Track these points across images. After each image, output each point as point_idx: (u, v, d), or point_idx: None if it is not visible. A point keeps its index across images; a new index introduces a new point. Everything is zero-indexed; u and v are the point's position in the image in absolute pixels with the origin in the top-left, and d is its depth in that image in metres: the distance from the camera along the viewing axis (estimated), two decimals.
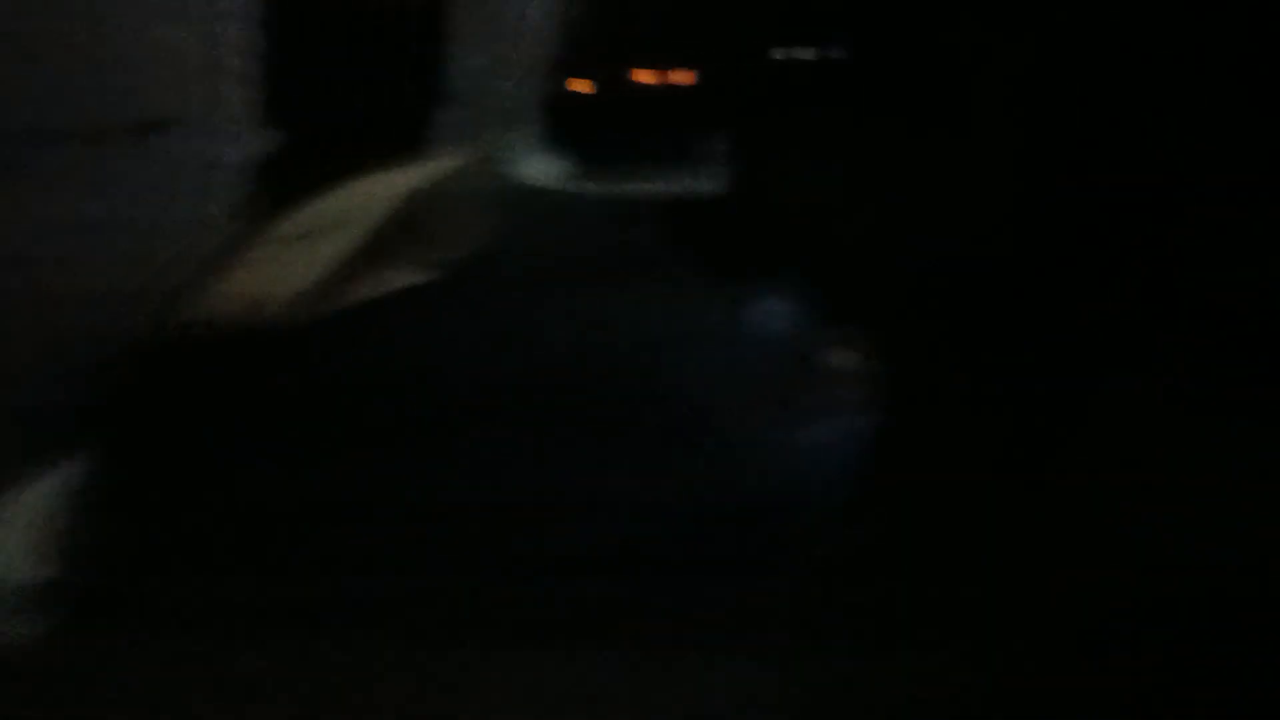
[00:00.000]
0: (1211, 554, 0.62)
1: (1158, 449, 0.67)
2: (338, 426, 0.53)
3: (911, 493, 0.76)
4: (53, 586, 0.55)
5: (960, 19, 0.64)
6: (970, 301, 0.70)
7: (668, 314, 0.67)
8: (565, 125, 1.69)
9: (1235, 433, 0.65)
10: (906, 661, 0.60)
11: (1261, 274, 0.63)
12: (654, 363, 0.64)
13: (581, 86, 1.65)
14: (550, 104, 1.68)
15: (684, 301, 0.69)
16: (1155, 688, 0.57)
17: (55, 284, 0.52)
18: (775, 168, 0.69)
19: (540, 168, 1.60)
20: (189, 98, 0.56)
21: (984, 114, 0.65)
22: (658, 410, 0.61)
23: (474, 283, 0.57)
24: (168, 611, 0.54)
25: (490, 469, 0.54)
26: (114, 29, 0.49)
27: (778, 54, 0.71)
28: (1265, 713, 0.56)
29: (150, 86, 0.54)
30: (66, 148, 0.50)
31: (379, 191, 0.57)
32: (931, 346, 0.74)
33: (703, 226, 0.85)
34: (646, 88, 1.67)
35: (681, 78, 1.70)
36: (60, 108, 0.48)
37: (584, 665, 0.54)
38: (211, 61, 0.58)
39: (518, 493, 0.55)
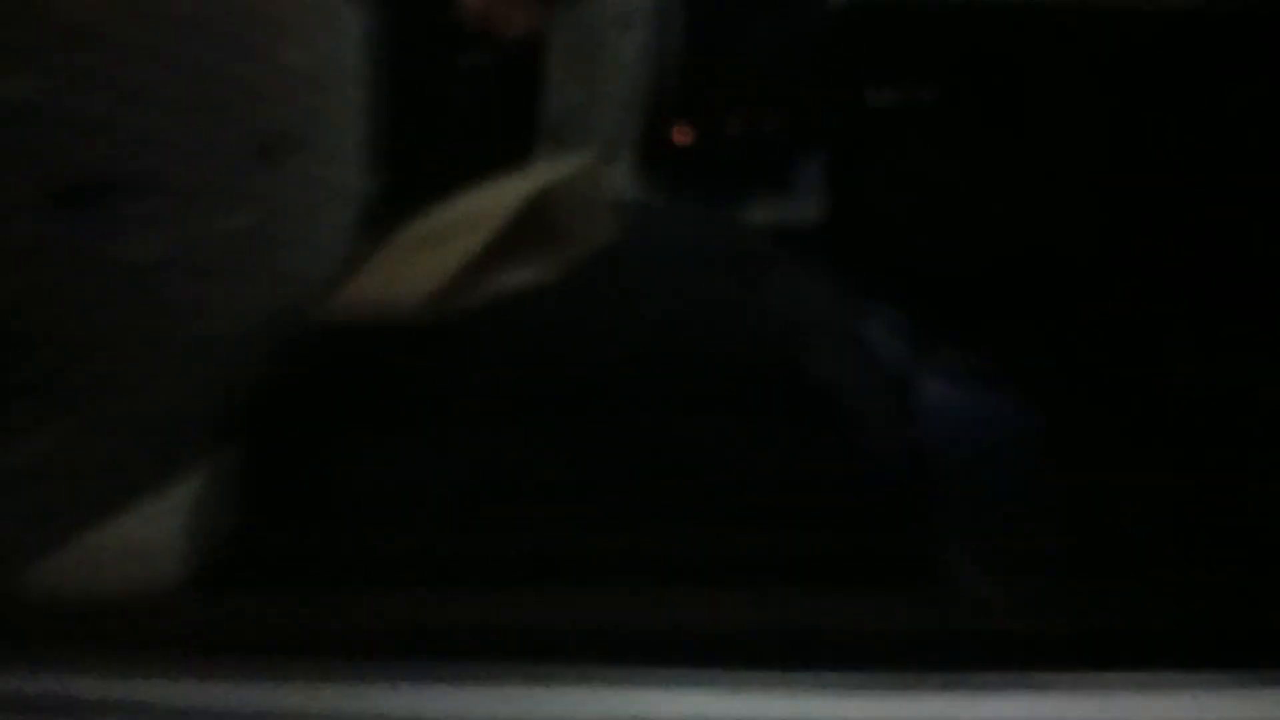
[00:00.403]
0: None
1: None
2: (473, 415, 0.55)
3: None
4: (197, 584, 0.57)
5: (1039, 68, 0.66)
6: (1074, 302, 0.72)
7: (796, 305, 0.68)
8: (665, 161, 1.72)
9: None
10: None
11: None
12: (787, 349, 0.64)
13: (682, 127, 1.68)
14: (650, 142, 1.71)
15: (808, 296, 0.70)
16: None
17: (193, 293, 0.54)
18: (873, 194, 0.70)
19: (644, 189, 1.63)
20: (317, 118, 0.59)
21: (1063, 147, 0.67)
22: (794, 394, 0.62)
23: (596, 279, 0.58)
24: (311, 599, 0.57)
25: (621, 450, 0.56)
26: (247, 51, 0.52)
27: (871, 94, 0.73)
28: None
29: (282, 107, 0.56)
30: (200, 163, 0.53)
31: (504, 195, 0.59)
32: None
33: (810, 244, 0.87)
34: (745, 127, 1.70)
35: (779, 117, 1.72)
36: (193, 126, 0.51)
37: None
38: (338, 85, 0.61)
39: (646, 471, 0.56)
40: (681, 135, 1.77)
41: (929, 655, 0.47)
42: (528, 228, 0.62)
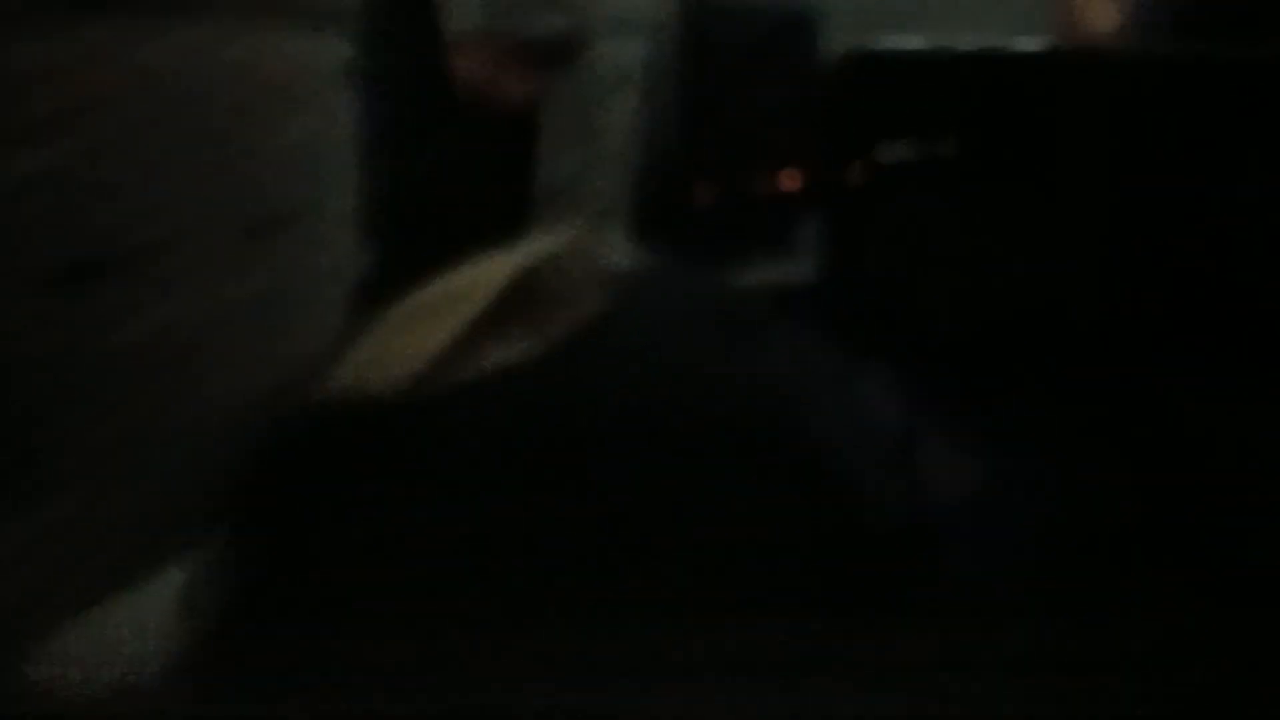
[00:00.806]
0: None
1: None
2: (463, 492, 0.55)
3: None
4: (199, 653, 0.57)
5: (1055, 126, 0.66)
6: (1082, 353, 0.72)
7: (789, 364, 0.68)
8: (662, 224, 1.73)
9: None
10: None
11: None
12: (781, 410, 0.64)
13: (700, 190, 1.70)
14: (653, 204, 1.73)
15: (802, 354, 0.70)
16: None
17: (193, 367, 0.54)
18: (882, 255, 0.70)
19: (636, 256, 1.63)
20: (310, 196, 0.59)
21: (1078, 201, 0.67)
22: (787, 456, 0.62)
23: (585, 351, 0.58)
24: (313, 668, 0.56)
25: (617, 518, 0.55)
26: (245, 129, 0.52)
27: (886, 152, 0.73)
28: None
29: (275, 186, 0.57)
30: (200, 239, 0.53)
31: (492, 269, 0.59)
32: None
33: (810, 306, 0.87)
34: (758, 189, 1.71)
35: (791, 177, 1.73)
36: (191, 202, 0.51)
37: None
38: (332, 162, 0.61)
39: (641, 540, 0.56)
40: (689, 196, 1.78)
41: None
42: (517, 302, 0.62)
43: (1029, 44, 0.72)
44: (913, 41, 0.66)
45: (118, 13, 0.41)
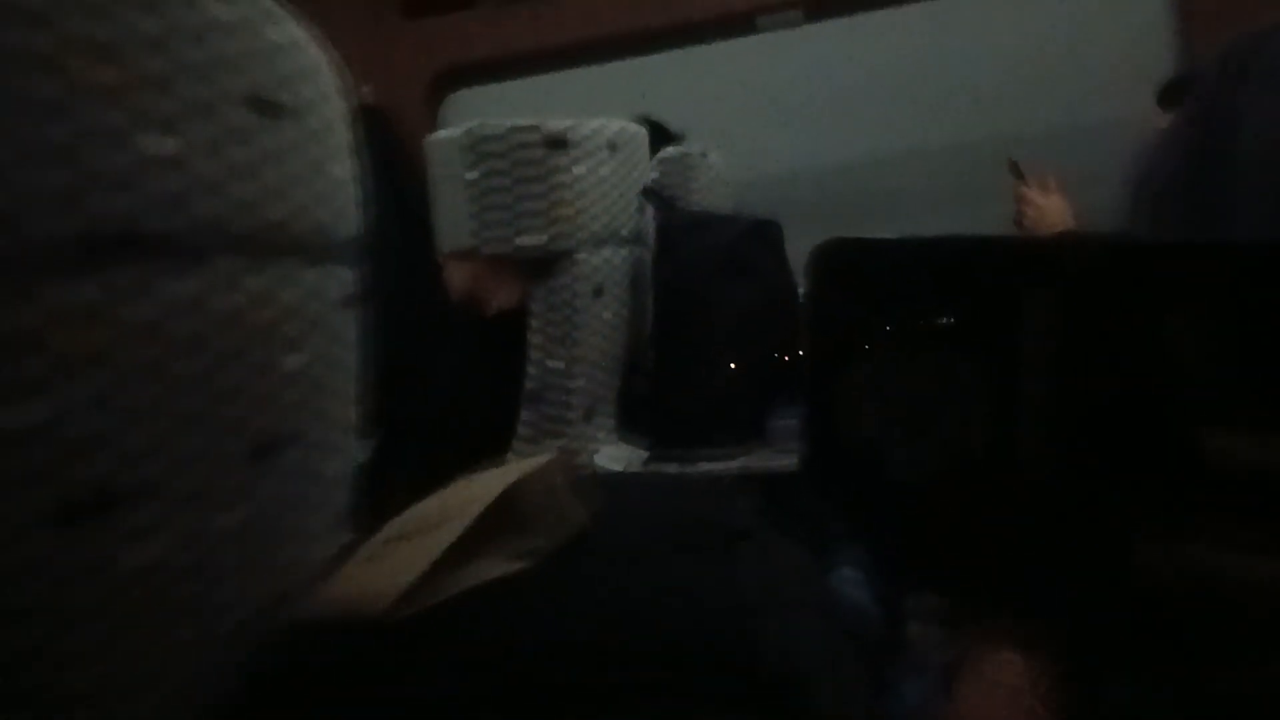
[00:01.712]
0: None
1: None
2: (446, 707, 0.55)
3: None
4: None
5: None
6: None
7: (759, 584, 0.69)
8: (653, 419, 1.78)
9: None
10: None
11: None
12: (746, 634, 0.65)
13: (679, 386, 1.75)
14: (635, 402, 1.78)
15: (774, 570, 0.71)
16: None
17: (188, 592, 0.56)
18: (859, 435, 0.72)
19: (622, 456, 1.67)
20: (312, 415, 0.62)
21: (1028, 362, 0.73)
22: (752, 681, 0.62)
23: (568, 565, 0.59)
24: None
25: None
26: (245, 363, 0.56)
27: (843, 333, 0.76)
28: None
29: (277, 409, 0.60)
30: (196, 469, 0.55)
31: (475, 490, 0.61)
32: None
33: (791, 499, 0.89)
34: (722, 378, 1.76)
35: (753, 364, 1.79)
36: (191, 436, 0.54)
37: None
38: (333, 383, 0.65)
39: None
40: (668, 394, 1.83)
41: None
42: (500, 519, 0.65)
43: (991, 234, 0.79)
44: (879, 236, 0.73)
45: (114, 270, 0.45)
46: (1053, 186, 2.46)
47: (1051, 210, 2.41)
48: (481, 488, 0.67)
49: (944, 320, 0.68)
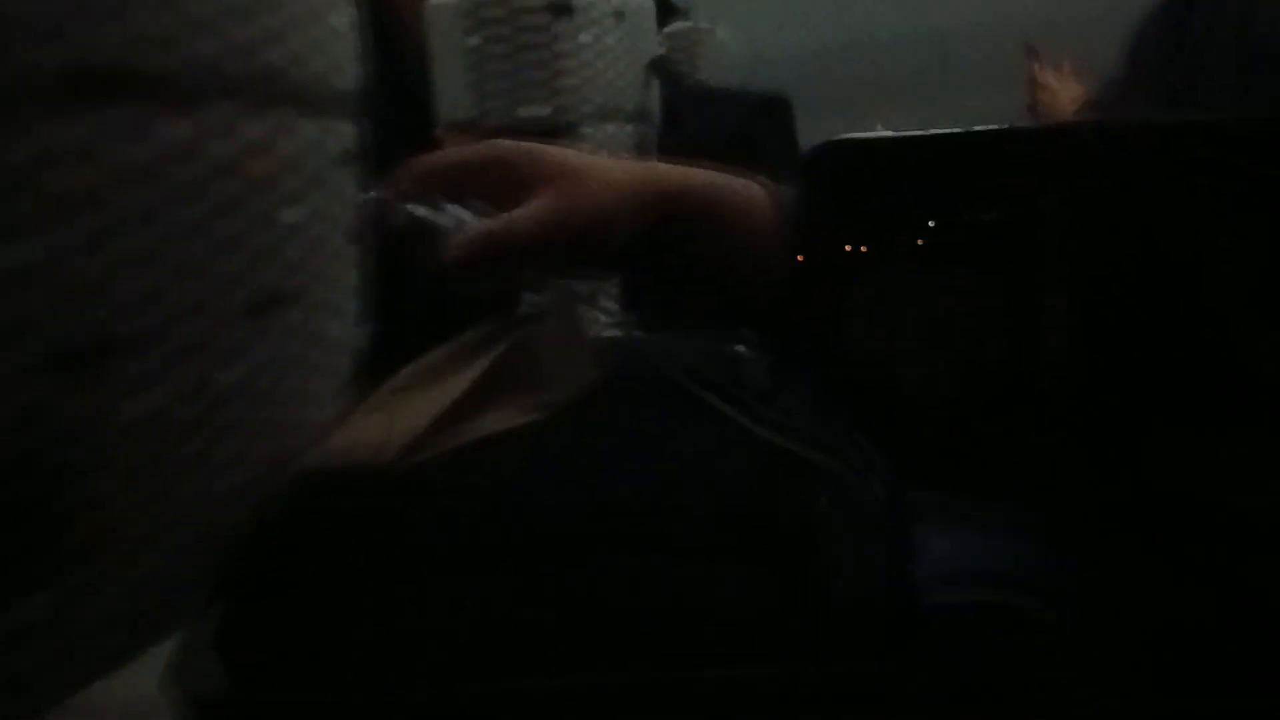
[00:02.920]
0: None
1: None
2: (457, 564, 0.55)
3: None
4: None
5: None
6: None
7: (775, 445, 0.69)
8: (658, 300, 1.77)
9: None
10: None
11: None
12: (764, 492, 0.65)
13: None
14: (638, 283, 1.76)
15: (794, 430, 0.71)
16: None
17: (187, 448, 0.55)
18: (859, 335, 0.71)
19: (619, 321, 1.66)
20: (310, 273, 0.61)
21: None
22: (771, 538, 0.62)
23: (581, 419, 0.59)
24: None
25: (600, 596, 0.56)
26: (243, 214, 0.54)
27: (848, 235, 0.73)
28: None
29: (275, 264, 0.58)
30: (195, 323, 0.54)
31: (485, 339, 0.60)
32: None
33: (793, 382, 0.88)
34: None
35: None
36: (189, 288, 0.52)
37: None
38: (331, 240, 0.63)
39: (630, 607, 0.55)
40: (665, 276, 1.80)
41: None
42: (509, 371, 0.63)
43: (1002, 125, 0.75)
44: (884, 131, 0.69)
45: (109, 107, 0.43)
46: (1068, 70, 2.39)
47: (1067, 95, 2.35)
48: (489, 337, 0.66)
49: (956, 224, 0.65)
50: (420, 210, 0.72)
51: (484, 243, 0.73)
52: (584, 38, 1.60)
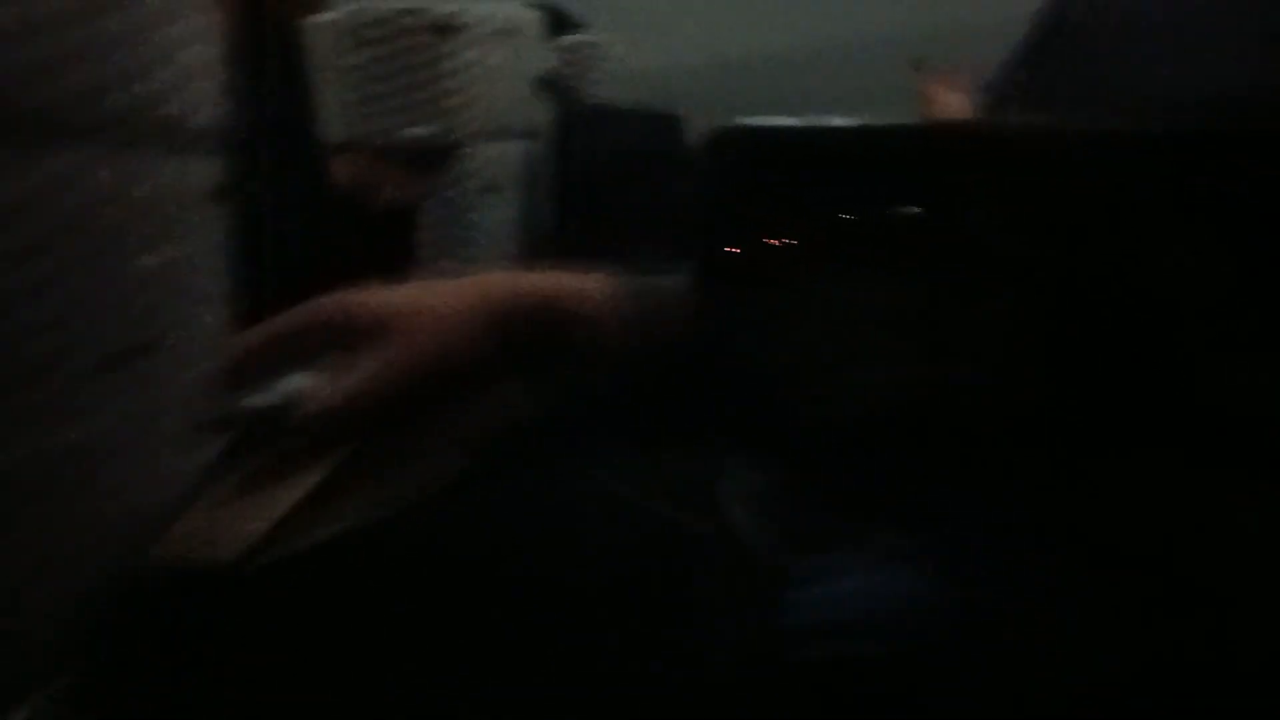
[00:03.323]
0: None
1: None
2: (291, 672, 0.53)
3: None
4: None
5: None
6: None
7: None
8: None
9: None
10: None
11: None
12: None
13: None
14: None
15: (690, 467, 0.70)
16: None
17: (41, 510, 0.52)
18: (758, 339, 0.69)
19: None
20: (169, 320, 0.58)
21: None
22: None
23: (435, 511, 0.57)
24: None
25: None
26: (97, 264, 0.52)
27: (745, 230, 0.72)
28: None
29: (131, 314, 0.56)
30: (50, 377, 0.52)
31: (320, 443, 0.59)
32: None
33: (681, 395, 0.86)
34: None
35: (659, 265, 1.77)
36: (36, 343, 0.50)
37: None
38: (195, 285, 0.61)
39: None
40: None
41: None
42: (359, 465, 0.62)
43: (903, 121, 0.72)
44: (784, 120, 0.67)
45: None
46: (961, 85, 2.43)
47: (959, 111, 2.40)
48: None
49: (872, 222, 0.62)
50: (254, 399, 0.70)
51: (328, 420, 0.71)
52: (469, 56, 1.58)
